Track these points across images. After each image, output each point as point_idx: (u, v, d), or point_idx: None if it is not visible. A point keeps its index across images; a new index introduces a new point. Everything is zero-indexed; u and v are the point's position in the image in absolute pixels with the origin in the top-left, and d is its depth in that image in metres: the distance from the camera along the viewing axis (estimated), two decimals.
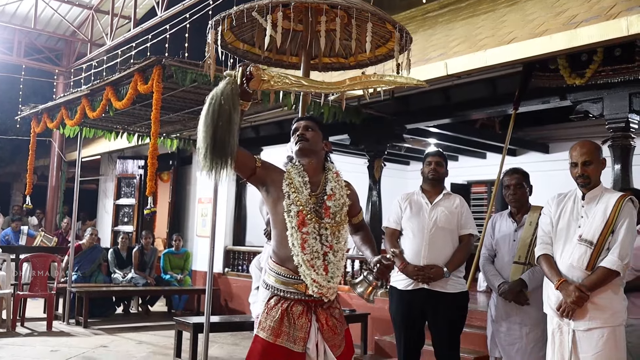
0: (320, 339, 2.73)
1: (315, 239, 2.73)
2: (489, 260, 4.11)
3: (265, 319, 2.73)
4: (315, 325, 2.73)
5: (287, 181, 2.79)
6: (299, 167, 2.86)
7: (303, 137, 2.89)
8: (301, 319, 2.70)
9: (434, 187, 4.21)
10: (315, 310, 2.75)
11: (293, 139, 2.92)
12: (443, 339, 4.05)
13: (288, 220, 2.73)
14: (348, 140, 8.72)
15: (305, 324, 2.70)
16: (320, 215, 2.78)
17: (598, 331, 3.09)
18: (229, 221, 10.19)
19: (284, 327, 2.68)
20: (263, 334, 2.70)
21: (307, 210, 2.74)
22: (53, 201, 14.24)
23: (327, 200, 2.82)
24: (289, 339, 2.67)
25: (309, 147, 2.87)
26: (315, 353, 2.70)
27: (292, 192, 2.76)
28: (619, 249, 3.09)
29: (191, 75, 5.95)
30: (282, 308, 2.71)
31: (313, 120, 3.01)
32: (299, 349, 2.67)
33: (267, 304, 2.76)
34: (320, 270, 2.70)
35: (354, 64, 4.41)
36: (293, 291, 2.72)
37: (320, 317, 2.75)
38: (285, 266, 2.75)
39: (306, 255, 2.69)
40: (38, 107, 8.69)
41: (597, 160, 3.29)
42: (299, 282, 2.72)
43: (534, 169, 5.39)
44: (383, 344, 6.27)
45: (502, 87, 6.57)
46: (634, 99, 5.40)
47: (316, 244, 2.72)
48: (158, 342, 7.22)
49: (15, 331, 7.57)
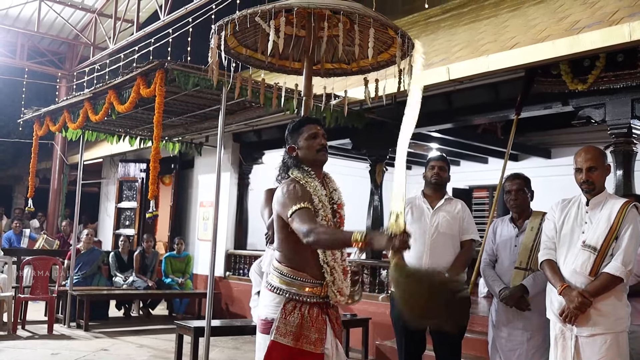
0: (333, 337, 2.81)
1: (339, 251, 2.83)
2: (490, 266, 4.10)
3: (284, 325, 2.73)
4: (329, 325, 2.80)
5: (315, 197, 2.80)
6: (314, 177, 2.88)
7: (326, 147, 2.94)
8: (318, 322, 2.76)
9: (435, 192, 4.21)
10: (327, 311, 2.82)
11: (310, 144, 2.89)
12: (444, 344, 4.05)
13: None
14: (350, 145, 8.72)
15: (322, 326, 2.77)
16: (336, 225, 2.88)
17: (601, 337, 3.08)
18: (230, 225, 10.19)
19: (304, 330, 2.72)
20: (284, 340, 2.71)
21: (332, 223, 2.83)
22: (55, 204, 14.25)
23: (339, 209, 2.91)
24: (308, 342, 2.72)
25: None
26: (331, 352, 2.78)
27: (320, 208, 2.79)
28: (623, 255, 3.08)
29: (194, 79, 5.95)
30: (300, 312, 2.74)
31: (323, 126, 3.02)
32: (319, 350, 2.73)
33: (284, 309, 2.75)
34: (342, 278, 2.82)
35: (356, 70, 4.42)
36: (311, 295, 2.76)
37: (331, 317, 2.83)
38: (304, 271, 2.77)
39: (335, 268, 2.79)
40: (40, 110, 8.70)
41: (602, 166, 3.28)
42: (315, 285, 2.77)
43: (535, 174, 5.39)
44: (384, 348, 6.25)
45: (505, 92, 6.56)
46: (636, 104, 5.39)
47: (338, 255, 2.83)
48: (159, 346, 7.21)
49: (16, 334, 7.57)
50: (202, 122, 8.60)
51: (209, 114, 7.94)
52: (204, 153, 10.38)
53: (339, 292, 2.79)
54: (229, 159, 10.25)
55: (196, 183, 11.28)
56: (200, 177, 11.16)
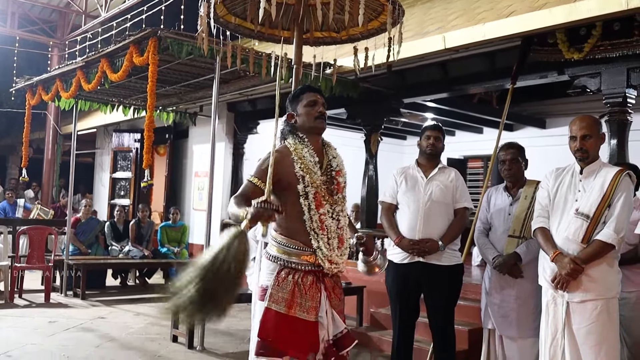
0: (329, 306, 2.82)
1: (332, 218, 2.82)
2: (484, 234, 4.14)
3: (276, 292, 2.75)
4: (324, 294, 2.80)
5: (298, 163, 2.80)
6: (307, 144, 2.87)
7: (325, 115, 2.93)
8: (312, 289, 2.76)
9: (429, 162, 4.22)
10: (323, 280, 2.82)
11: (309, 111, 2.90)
12: (438, 311, 4.10)
13: (305, 204, 2.76)
14: (345, 115, 8.70)
15: (316, 294, 2.77)
16: (332, 192, 2.85)
17: (592, 303, 3.13)
18: (225, 195, 10.20)
19: (296, 298, 2.74)
20: (276, 306, 2.73)
21: (322, 190, 2.80)
22: (49, 174, 14.20)
23: (337, 176, 2.89)
24: (301, 309, 2.73)
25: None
26: (326, 320, 2.79)
27: (306, 174, 2.78)
28: (615, 223, 3.11)
29: (187, 47, 5.89)
30: (293, 280, 2.75)
31: (324, 96, 3.01)
32: (312, 318, 2.74)
33: (277, 276, 2.78)
34: (335, 248, 2.81)
35: (345, 38, 4.37)
36: (304, 263, 2.77)
37: (327, 285, 2.83)
38: (295, 239, 2.78)
39: (325, 236, 2.78)
40: (33, 79, 8.62)
41: (597, 135, 3.29)
42: (308, 253, 2.77)
43: (530, 144, 5.40)
44: (378, 316, 6.33)
45: (501, 61, 6.53)
46: (632, 73, 5.38)
47: (333, 223, 2.81)
48: (155, 314, 7.28)
49: (13, 303, 7.63)
50: (196, 91, 8.54)
51: (203, 83, 7.89)
52: (199, 123, 10.34)
53: (328, 260, 2.77)
54: (223, 128, 10.22)
55: (191, 153, 11.25)
56: (195, 147, 11.13)
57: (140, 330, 6.38)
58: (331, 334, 2.81)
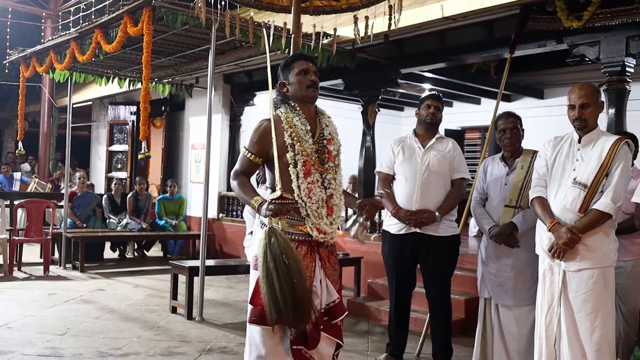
0: (323, 276, 2.83)
1: (320, 187, 2.80)
2: (480, 204, 4.13)
3: None
4: (319, 264, 2.81)
5: (288, 132, 2.78)
6: (299, 112, 2.85)
7: (317, 84, 2.90)
8: (306, 259, 2.77)
9: (427, 132, 4.20)
10: (317, 250, 2.82)
11: (301, 80, 2.87)
12: (434, 281, 4.13)
13: (293, 172, 2.75)
14: (342, 86, 8.64)
15: (311, 264, 2.78)
16: (323, 161, 2.83)
17: (588, 272, 3.14)
18: (222, 167, 10.19)
19: None
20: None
21: (313, 159, 2.78)
22: (45, 148, 14.15)
23: (329, 145, 2.86)
24: None
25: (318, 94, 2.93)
26: (320, 290, 2.79)
27: (296, 142, 2.76)
28: (613, 192, 3.10)
29: (182, 17, 5.81)
30: None
31: (316, 64, 2.97)
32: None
33: None
34: (324, 216, 2.80)
35: (345, 7, 4.31)
36: (297, 233, 2.78)
37: (322, 255, 2.84)
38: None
39: (313, 204, 2.76)
40: (26, 51, 8.53)
41: (595, 103, 3.26)
42: (302, 224, 2.77)
43: (528, 114, 5.38)
44: (376, 286, 6.38)
45: (499, 30, 6.46)
46: (631, 42, 5.33)
47: (321, 191, 2.80)
48: (154, 286, 7.33)
49: (12, 275, 7.66)
50: (192, 62, 8.46)
51: (199, 54, 7.80)
52: (195, 95, 10.26)
53: (316, 229, 2.77)
54: (220, 100, 10.16)
55: (187, 125, 11.20)
56: (192, 119, 11.08)
57: (140, 302, 6.42)
58: (324, 302, 2.82)
